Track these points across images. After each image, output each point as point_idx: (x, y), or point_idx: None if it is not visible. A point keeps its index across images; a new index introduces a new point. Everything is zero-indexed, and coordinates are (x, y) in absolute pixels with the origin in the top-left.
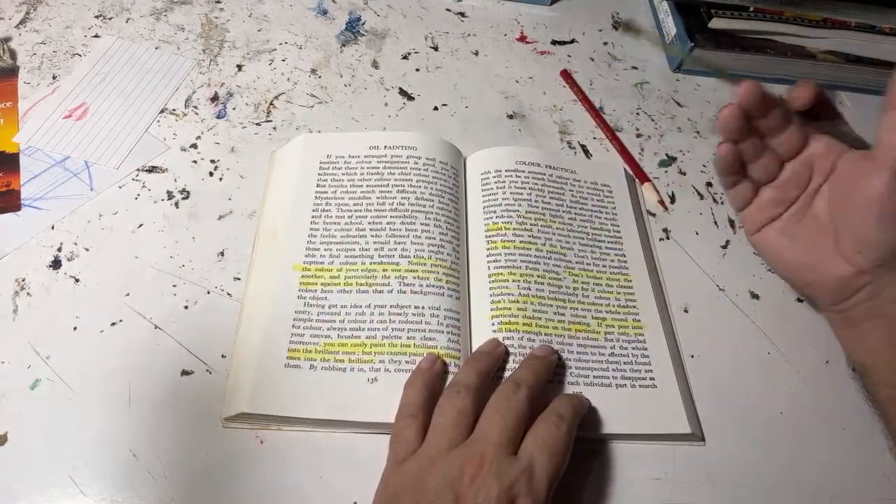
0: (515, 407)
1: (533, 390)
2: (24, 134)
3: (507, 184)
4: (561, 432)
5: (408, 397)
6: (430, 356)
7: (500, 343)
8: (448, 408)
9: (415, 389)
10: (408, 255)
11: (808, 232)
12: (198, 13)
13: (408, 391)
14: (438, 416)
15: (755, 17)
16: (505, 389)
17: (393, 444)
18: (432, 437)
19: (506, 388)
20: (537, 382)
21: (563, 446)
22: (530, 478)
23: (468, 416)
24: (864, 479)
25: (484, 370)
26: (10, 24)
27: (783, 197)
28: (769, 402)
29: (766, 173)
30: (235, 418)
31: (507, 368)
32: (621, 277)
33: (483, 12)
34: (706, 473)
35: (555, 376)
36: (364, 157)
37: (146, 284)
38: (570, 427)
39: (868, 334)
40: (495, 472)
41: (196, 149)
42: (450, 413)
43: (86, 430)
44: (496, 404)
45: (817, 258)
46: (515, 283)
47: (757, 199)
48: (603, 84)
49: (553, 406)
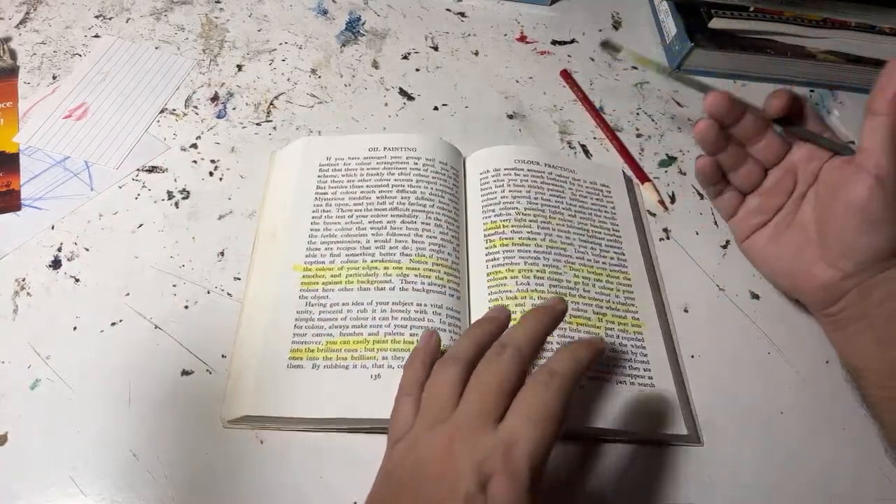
0: (497, 370)
1: (522, 349)
2: (24, 134)
3: (506, 182)
4: (550, 393)
5: (405, 377)
6: (427, 332)
7: (503, 309)
8: (435, 382)
9: (412, 369)
10: (409, 254)
11: (795, 238)
12: (198, 13)
13: (406, 371)
14: (426, 392)
15: (755, 17)
16: (490, 353)
17: (391, 424)
18: (420, 414)
19: (491, 351)
20: (530, 339)
21: (552, 412)
22: (507, 452)
23: (455, 388)
24: (864, 479)
25: (479, 337)
26: (10, 24)
27: (769, 204)
28: (769, 402)
29: (749, 181)
30: (238, 420)
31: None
32: (620, 276)
33: (483, 12)
34: (706, 473)
35: None
36: (364, 159)
37: (146, 284)
38: (563, 386)
39: (856, 337)
40: (468, 449)
41: (196, 149)
42: (437, 387)
43: (86, 430)
44: (478, 370)
45: (804, 264)
46: (513, 280)
47: (744, 207)
48: (603, 84)
49: (547, 361)
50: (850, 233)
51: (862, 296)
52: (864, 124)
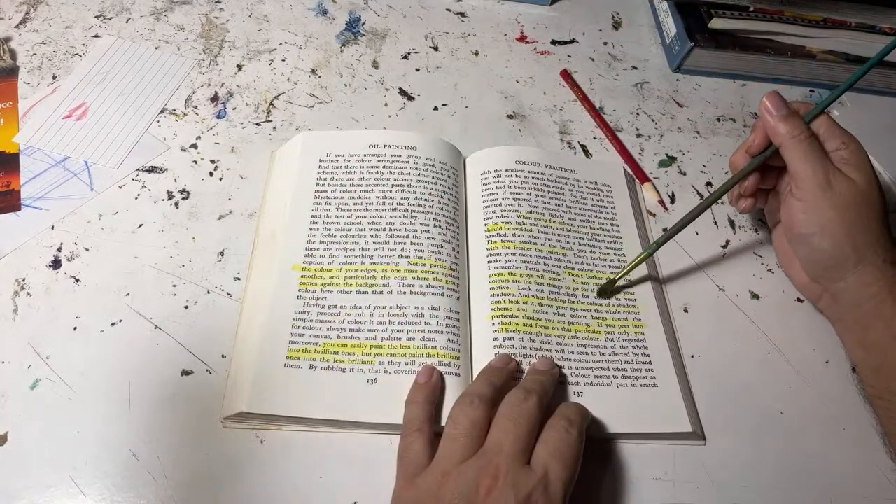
0: (527, 413)
1: (542, 398)
2: (24, 134)
3: (507, 183)
4: (572, 438)
5: (410, 413)
6: (426, 369)
7: (511, 359)
8: (461, 418)
9: (416, 405)
10: (407, 256)
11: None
12: (198, 13)
13: (410, 408)
14: (451, 428)
15: (755, 17)
16: (514, 398)
17: (401, 460)
18: (445, 449)
19: (515, 396)
20: (545, 392)
21: (575, 452)
22: (546, 487)
23: (481, 428)
24: (864, 480)
25: (496, 384)
26: (10, 24)
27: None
28: (769, 402)
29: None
30: (235, 418)
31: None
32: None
33: (483, 12)
34: (706, 473)
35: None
36: (363, 156)
37: (146, 284)
38: (580, 432)
39: (845, 335)
40: (511, 484)
41: (196, 149)
42: (463, 424)
43: (86, 430)
44: (507, 412)
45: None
46: (516, 284)
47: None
48: (603, 84)
49: (561, 412)
50: (792, 245)
51: (834, 299)
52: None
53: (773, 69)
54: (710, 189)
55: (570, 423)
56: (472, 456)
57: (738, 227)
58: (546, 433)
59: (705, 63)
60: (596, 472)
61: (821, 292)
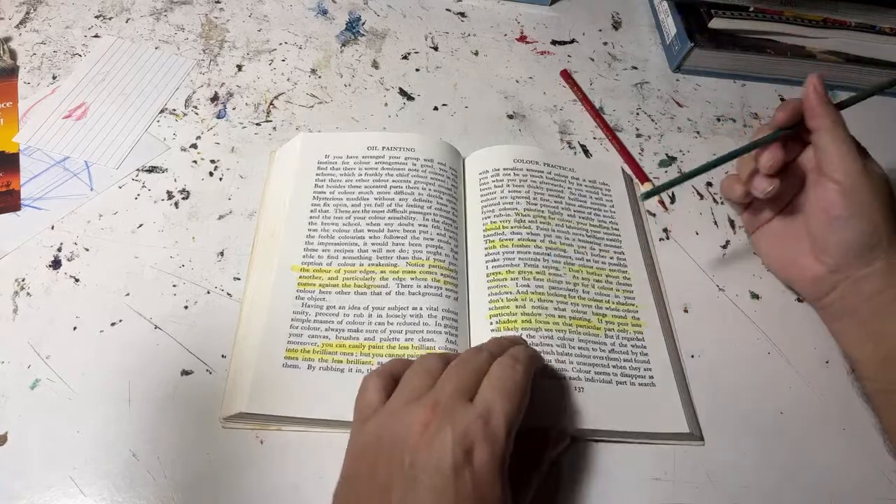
0: (474, 363)
1: (495, 356)
2: (24, 134)
3: (505, 182)
4: (517, 374)
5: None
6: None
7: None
8: (416, 366)
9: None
10: (405, 257)
11: (792, 233)
12: (198, 13)
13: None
14: (405, 376)
15: (755, 17)
16: (467, 352)
17: (357, 404)
18: (396, 392)
19: (467, 352)
20: (500, 349)
21: (520, 388)
22: (487, 422)
23: (433, 375)
24: (864, 479)
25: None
26: (10, 24)
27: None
28: (769, 402)
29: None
30: (235, 418)
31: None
32: (620, 275)
33: (483, 12)
34: (706, 473)
35: (556, 371)
36: (362, 158)
37: (146, 284)
38: (527, 370)
39: (850, 329)
40: (448, 418)
41: (196, 149)
42: (416, 370)
43: (86, 430)
44: (455, 363)
45: (798, 257)
46: (514, 282)
47: (755, 204)
48: (603, 84)
49: (509, 351)
50: (824, 230)
51: (852, 289)
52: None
53: (772, 69)
54: (711, 189)
55: (515, 359)
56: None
57: (738, 226)
58: (491, 370)
59: (705, 63)
60: (596, 472)
61: (835, 283)
